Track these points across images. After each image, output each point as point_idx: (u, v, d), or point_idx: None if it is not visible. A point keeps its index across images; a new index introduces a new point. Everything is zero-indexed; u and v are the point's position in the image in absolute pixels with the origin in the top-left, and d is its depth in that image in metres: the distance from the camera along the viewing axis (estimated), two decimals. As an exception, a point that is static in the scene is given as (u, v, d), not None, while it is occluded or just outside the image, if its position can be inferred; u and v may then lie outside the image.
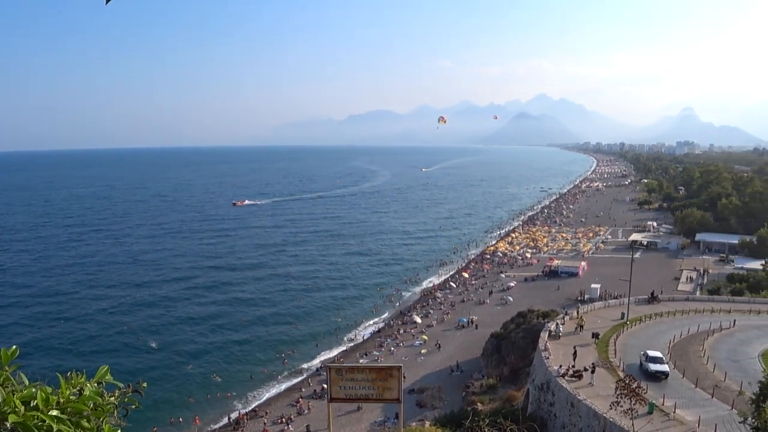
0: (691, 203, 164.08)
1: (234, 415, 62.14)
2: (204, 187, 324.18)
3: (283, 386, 70.25)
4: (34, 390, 3.06)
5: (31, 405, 2.96)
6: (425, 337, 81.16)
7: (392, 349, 78.01)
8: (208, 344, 79.80)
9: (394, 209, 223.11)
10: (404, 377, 64.50)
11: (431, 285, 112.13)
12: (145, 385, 3.90)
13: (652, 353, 49.05)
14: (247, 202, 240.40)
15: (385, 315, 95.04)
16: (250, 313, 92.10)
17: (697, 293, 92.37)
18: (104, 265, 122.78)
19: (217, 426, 60.66)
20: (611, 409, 32.71)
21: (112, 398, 3.37)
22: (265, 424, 59.87)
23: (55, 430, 2.85)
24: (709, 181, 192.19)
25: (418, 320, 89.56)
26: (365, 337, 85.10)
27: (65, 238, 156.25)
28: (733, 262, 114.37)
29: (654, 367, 47.25)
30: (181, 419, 60.36)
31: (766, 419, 23.65)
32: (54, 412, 2.95)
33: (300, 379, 71.73)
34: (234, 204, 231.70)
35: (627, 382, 32.98)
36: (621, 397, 29.67)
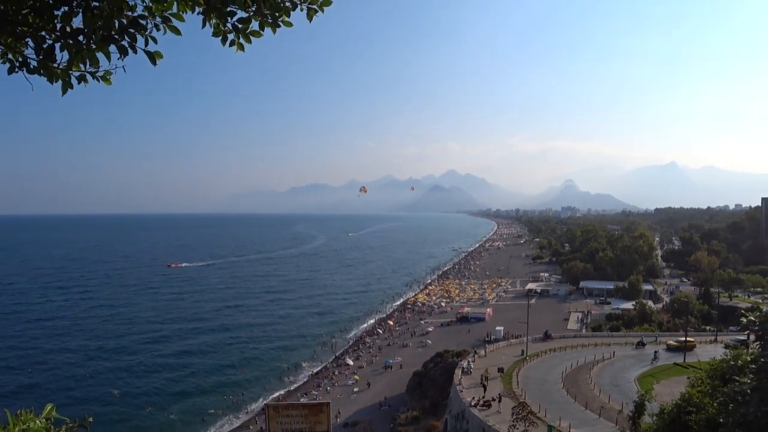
0: (574, 257, 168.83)
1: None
2: (165, 249, 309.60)
3: (233, 425, 66.89)
4: None
5: None
6: (357, 377, 79.42)
7: (328, 388, 75.89)
8: (164, 390, 75.19)
9: (329, 268, 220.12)
10: (339, 413, 63.28)
11: (361, 332, 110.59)
12: (90, 419, 3.85)
13: None
14: (184, 264, 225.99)
15: (322, 359, 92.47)
16: (202, 362, 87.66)
17: (583, 330, 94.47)
18: (71, 320, 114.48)
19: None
20: (511, 430, 32.65)
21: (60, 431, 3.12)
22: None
23: None
24: (588, 238, 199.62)
25: (351, 363, 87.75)
26: (305, 379, 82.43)
27: (38, 295, 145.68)
28: (610, 303, 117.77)
29: None
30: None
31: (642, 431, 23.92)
32: None
33: (248, 417, 68.54)
34: (169, 266, 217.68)
35: (521, 408, 33.12)
36: (516, 421, 29.64)
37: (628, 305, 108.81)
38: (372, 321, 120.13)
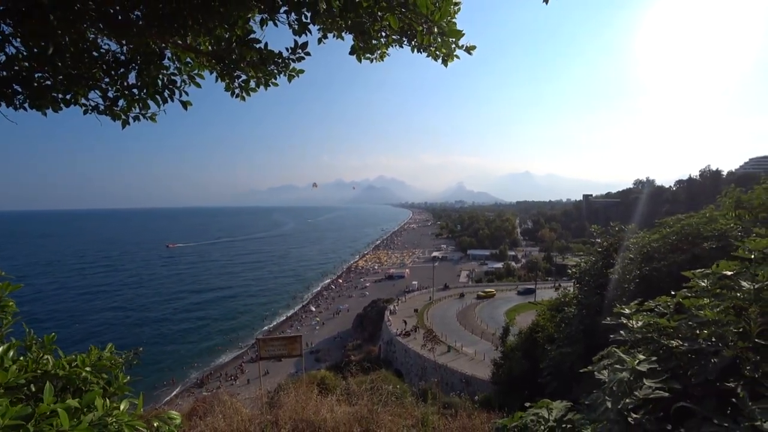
0: (464, 234, 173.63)
1: (199, 376, 56.97)
2: (182, 232, 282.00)
3: (231, 356, 64.99)
4: (74, 356, 3.15)
5: (72, 365, 3.06)
6: (318, 319, 78.68)
7: (298, 327, 74.72)
8: (180, 334, 71.82)
9: (297, 244, 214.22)
10: (308, 343, 62.50)
11: (321, 288, 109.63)
12: (141, 349, 4.00)
13: None
14: (179, 244, 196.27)
15: (295, 307, 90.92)
16: (206, 314, 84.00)
17: (470, 283, 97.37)
18: (114, 288, 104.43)
19: (187, 385, 54.86)
20: (422, 349, 33.69)
21: (121, 359, 3.40)
22: (219, 380, 55.19)
23: (89, 378, 2.98)
24: (473, 221, 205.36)
25: (314, 309, 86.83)
26: (282, 321, 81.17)
27: (87, 271, 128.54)
28: (487, 264, 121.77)
29: None
30: (165, 382, 54.15)
31: (507, 346, 25.18)
32: (87, 368, 3.07)
33: (242, 351, 66.71)
34: (167, 246, 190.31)
35: (429, 334, 34.30)
36: (426, 342, 30.59)
37: (499, 265, 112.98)
38: (328, 280, 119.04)
